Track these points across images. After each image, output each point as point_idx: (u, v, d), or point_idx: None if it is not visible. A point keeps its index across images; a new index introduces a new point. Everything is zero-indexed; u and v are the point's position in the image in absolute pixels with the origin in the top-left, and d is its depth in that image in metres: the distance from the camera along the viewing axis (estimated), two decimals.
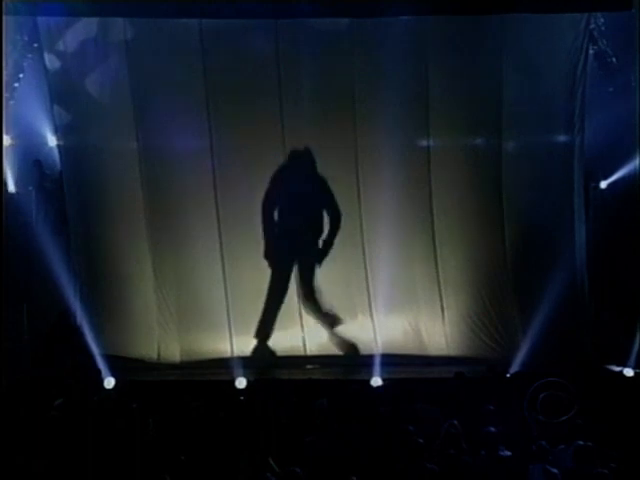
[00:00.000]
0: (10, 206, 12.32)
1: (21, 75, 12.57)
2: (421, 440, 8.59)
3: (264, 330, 13.15)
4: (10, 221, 12.16)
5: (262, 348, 13.16)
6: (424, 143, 12.90)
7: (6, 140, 12.39)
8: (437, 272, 13.04)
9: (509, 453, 8.49)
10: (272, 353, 13.19)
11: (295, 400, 10.46)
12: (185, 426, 9.71)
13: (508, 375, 11.94)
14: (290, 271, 13.17)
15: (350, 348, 13.19)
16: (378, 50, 12.45)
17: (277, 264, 13.11)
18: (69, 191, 12.95)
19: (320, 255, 13.07)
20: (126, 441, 9.28)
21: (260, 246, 13.02)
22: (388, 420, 9.62)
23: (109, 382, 11.93)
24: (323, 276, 13.16)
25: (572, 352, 12.39)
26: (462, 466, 8.11)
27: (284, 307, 13.15)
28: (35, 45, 12.52)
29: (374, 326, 13.11)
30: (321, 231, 13.09)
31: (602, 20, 12.39)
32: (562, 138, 12.74)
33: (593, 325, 12.83)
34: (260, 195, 12.94)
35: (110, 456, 8.90)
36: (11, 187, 12.93)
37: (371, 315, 13.10)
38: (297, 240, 13.16)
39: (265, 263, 13.05)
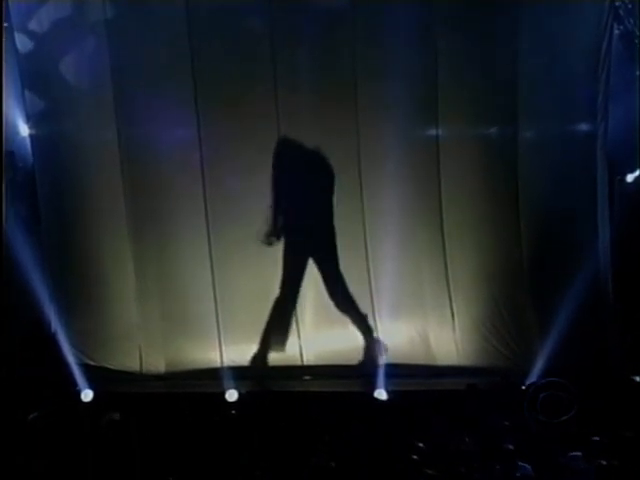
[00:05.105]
0: None
1: None
2: (430, 457, 8.58)
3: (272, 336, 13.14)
4: None
5: (255, 357, 13.10)
6: (432, 133, 12.90)
7: None
8: (446, 274, 13.06)
9: (527, 472, 8.49)
10: (266, 363, 13.13)
11: (291, 414, 10.46)
12: (171, 442, 9.70)
13: (524, 387, 11.90)
14: (304, 271, 13.11)
15: (351, 357, 13.13)
16: (382, 33, 12.47)
17: (290, 262, 13.08)
18: (42, 186, 13.00)
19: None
20: (106, 458, 9.28)
21: (254, 246, 12.96)
22: (393, 436, 9.61)
23: (87, 394, 11.93)
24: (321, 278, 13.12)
25: (595, 361, 12.38)
26: None
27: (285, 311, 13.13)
28: (5, 25, 12.46)
29: (377, 333, 13.05)
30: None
31: None
32: (584, 127, 12.73)
33: (619, 332, 12.76)
34: (254, 192, 12.91)
35: (89, 474, 8.91)
36: None
37: (374, 321, 13.11)
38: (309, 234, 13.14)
39: (259, 264, 12.99)
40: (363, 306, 13.16)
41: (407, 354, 13.07)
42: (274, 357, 13.21)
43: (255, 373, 13.05)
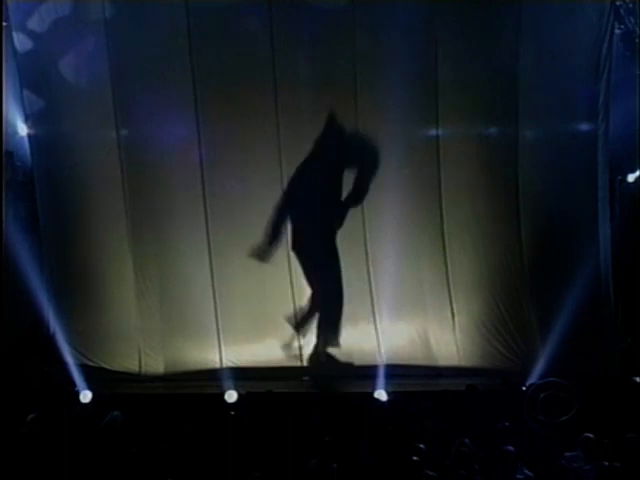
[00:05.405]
0: None
1: None
2: (430, 458, 8.59)
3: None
4: None
5: (254, 358, 13.12)
6: (433, 133, 12.93)
7: None
8: (446, 274, 13.09)
9: (529, 474, 8.51)
10: (266, 363, 13.14)
11: (290, 416, 10.46)
12: (170, 444, 9.71)
13: (525, 388, 11.92)
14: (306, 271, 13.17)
15: (351, 358, 13.14)
16: (382, 31, 12.50)
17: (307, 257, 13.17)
18: (40, 185, 13.03)
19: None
20: (105, 460, 9.29)
21: (253, 246, 12.97)
22: (393, 437, 9.62)
23: (85, 395, 11.94)
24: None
25: (596, 362, 12.43)
26: None
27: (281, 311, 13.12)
28: (4, 24, 12.48)
29: (377, 334, 13.17)
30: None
31: None
32: (585, 127, 12.76)
33: (619, 332, 12.79)
34: (254, 192, 12.91)
35: (88, 475, 8.92)
36: None
37: (374, 321, 13.15)
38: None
39: (258, 264, 13.02)
40: (363, 306, 13.19)
41: (407, 355, 13.10)
42: (274, 357, 13.24)
43: (254, 374, 13.07)
